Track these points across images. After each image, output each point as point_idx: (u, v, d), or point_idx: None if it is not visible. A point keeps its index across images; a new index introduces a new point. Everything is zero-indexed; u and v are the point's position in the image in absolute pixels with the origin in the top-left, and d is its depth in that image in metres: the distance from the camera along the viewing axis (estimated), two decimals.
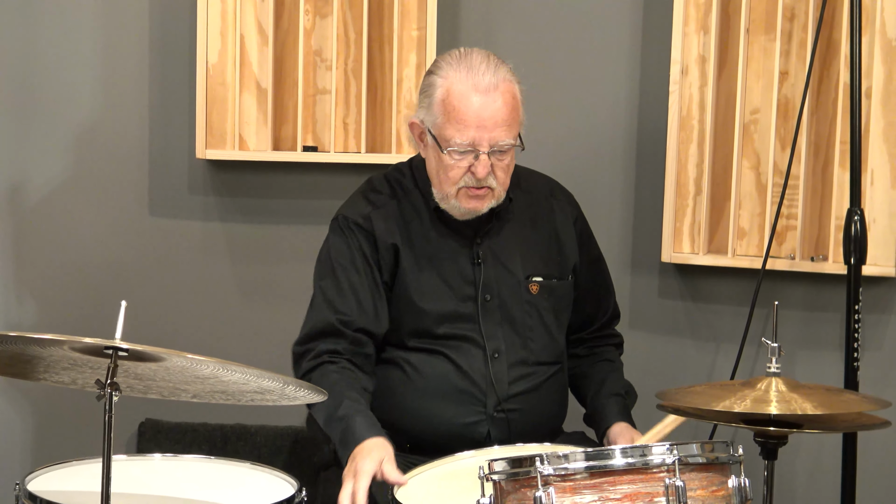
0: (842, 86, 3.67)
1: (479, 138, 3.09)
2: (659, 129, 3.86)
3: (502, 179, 3.16)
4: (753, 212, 3.82)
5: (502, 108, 3.10)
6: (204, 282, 4.09)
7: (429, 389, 3.22)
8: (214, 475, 3.02)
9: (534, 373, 3.26)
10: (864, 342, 3.57)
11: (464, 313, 3.23)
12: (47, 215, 4.07)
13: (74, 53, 4.04)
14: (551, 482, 2.46)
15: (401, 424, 3.22)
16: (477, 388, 3.21)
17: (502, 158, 3.14)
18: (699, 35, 3.81)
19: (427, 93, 3.16)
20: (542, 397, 3.27)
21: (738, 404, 2.95)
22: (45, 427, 4.12)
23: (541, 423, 3.25)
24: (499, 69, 3.13)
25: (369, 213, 3.25)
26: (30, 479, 2.84)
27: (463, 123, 3.09)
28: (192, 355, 2.50)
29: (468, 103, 3.09)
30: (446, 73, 3.14)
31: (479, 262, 3.24)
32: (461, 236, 3.26)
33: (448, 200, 3.18)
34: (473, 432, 3.20)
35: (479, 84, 3.09)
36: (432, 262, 3.24)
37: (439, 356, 3.21)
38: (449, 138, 3.11)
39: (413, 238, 3.25)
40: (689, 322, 3.96)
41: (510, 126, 3.11)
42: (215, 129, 3.95)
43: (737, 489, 2.55)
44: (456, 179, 3.14)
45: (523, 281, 3.26)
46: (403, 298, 3.23)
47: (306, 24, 3.93)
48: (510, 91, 3.13)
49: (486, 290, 3.24)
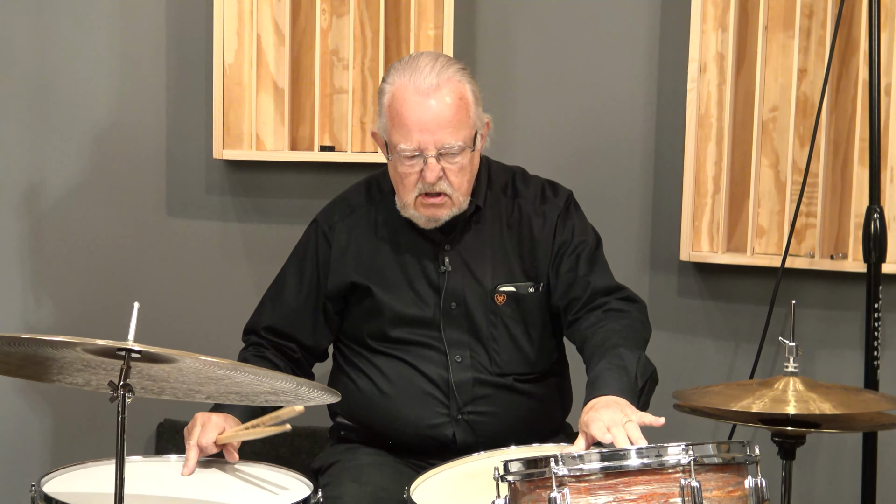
0: (861, 83, 3.65)
1: (424, 141, 3.04)
2: (677, 127, 3.85)
3: (458, 184, 3.10)
4: (772, 210, 3.80)
5: (445, 109, 3.04)
6: (221, 282, 4.09)
7: (393, 392, 3.22)
8: (230, 476, 3.02)
9: (499, 382, 3.22)
10: (883, 340, 3.55)
11: (426, 319, 3.21)
12: (65, 216, 4.08)
13: (91, 54, 4.05)
14: (566, 483, 2.45)
15: (373, 426, 3.25)
16: (439, 391, 3.21)
17: (453, 161, 3.07)
18: (717, 33, 3.79)
19: (379, 100, 3.13)
20: (510, 403, 3.23)
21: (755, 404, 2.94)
22: (63, 428, 4.13)
23: (509, 428, 3.20)
24: (445, 70, 3.07)
25: (335, 223, 3.28)
26: (45, 481, 2.85)
27: (406, 127, 3.05)
28: (205, 357, 2.50)
29: (409, 106, 3.05)
30: (393, 78, 3.10)
31: (445, 269, 3.22)
32: (431, 242, 3.23)
33: (408, 209, 3.15)
34: (439, 434, 3.20)
35: (420, 86, 3.04)
36: (400, 268, 3.23)
37: (401, 361, 3.21)
38: (396, 143, 3.08)
39: (383, 243, 3.24)
40: (708, 321, 3.94)
41: (456, 128, 3.05)
42: (232, 130, 3.95)
43: (753, 490, 2.53)
44: (410, 187, 3.10)
45: (490, 291, 3.21)
46: (367, 301, 3.24)
47: (323, 23, 3.93)
48: (456, 91, 3.06)
49: (451, 298, 3.21)
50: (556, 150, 3.91)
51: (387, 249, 3.24)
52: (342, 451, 3.28)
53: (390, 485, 3.02)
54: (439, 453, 3.15)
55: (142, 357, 2.51)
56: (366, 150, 3.97)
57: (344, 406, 3.28)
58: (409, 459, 3.23)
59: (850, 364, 3.72)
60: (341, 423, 3.31)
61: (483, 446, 3.10)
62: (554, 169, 3.49)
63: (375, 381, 3.24)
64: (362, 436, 3.28)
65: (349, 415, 3.30)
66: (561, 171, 3.52)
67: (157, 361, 2.55)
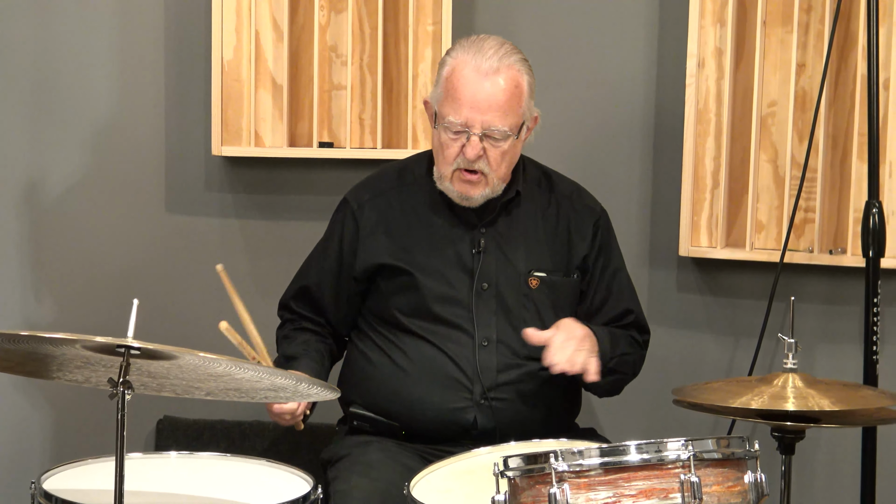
0: (859, 77, 3.64)
1: (472, 119, 3.12)
2: (676, 122, 3.85)
3: (496, 166, 3.17)
4: (771, 205, 3.80)
5: (499, 92, 3.13)
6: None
7: (416, 373, 3.24)
8: (229, 473, 3.02)
9: (524, 365, 3.24)
10: (882, 335, 3.55)
11: (457, 298, 3.25)
12: (64, 213, 4.08)
13: (90, 51, 4.04)
14: (566, 478, 2.45)
15: (390, 409, 3.25)
16: (463, 375, 3.22)
17: (496, 145, 3.15)
18: (716, 27, 3.79)
19: (439, 71, 3.22)
20: (533, 390, 3.25)
21: (754, 401, 2.94)
22: (63, 425, 4.13)
23: (530, 416, 3.23)
24: (508, 56, 3.16)
25: (364, 203, 3.33)
26: (45, 478, 2.85)
27: (458, 102, 3.13)
28: (204, 353, 2.50)
29: (466, 82, 3.13)
30: (456, 53, 3.19)
31: (480, 250, 3.25)
32: (465, 224, 3.27)
33: (443, 181, 3.21)
34: (460, 418, 3.21)
35: (480, 66, 3.13)
36: (433, 248, 3.26)
37: (427, 342, 3.23)
38: (445, 115, 3.15)
39: (416, 223, 3.28)
40: (708, 316, 3.94)
41: (506, 113, 3.13)
42: (231, 126, 3.95)
43: (753, 484, 2.54)
44: (450, 159, 3.17)
45: (524, 274, 3.26)
46: (398, 279, 3.27)
47: (321, 19, 3.93)
48: (513, 79, 3.15)
49: (483, 279, 3.25)
50: (555, 145, 3.91)
51: (420, 229, 3.28)
52: (353, 444, 3.27)
53: (400, 481, 3.02)
54: (457, 439, 3.17)
55: (141, 354, 2.52)
56: (364, 146, 3.96)
57: (361, 389, 3.29)
58: (424, 447, 3.22)
59: (849, 358, 3.72)
60: (355, 413, 3.30)
61: (502, 433, 3.14)
62: (553, 164, 3.49)
63: (397, 361, 3.25)
64: (376, 425, 3.28)
65: (365, 398, 3.29)
66: (560, 167, 3.52)
67: (156, 358, 2.55)
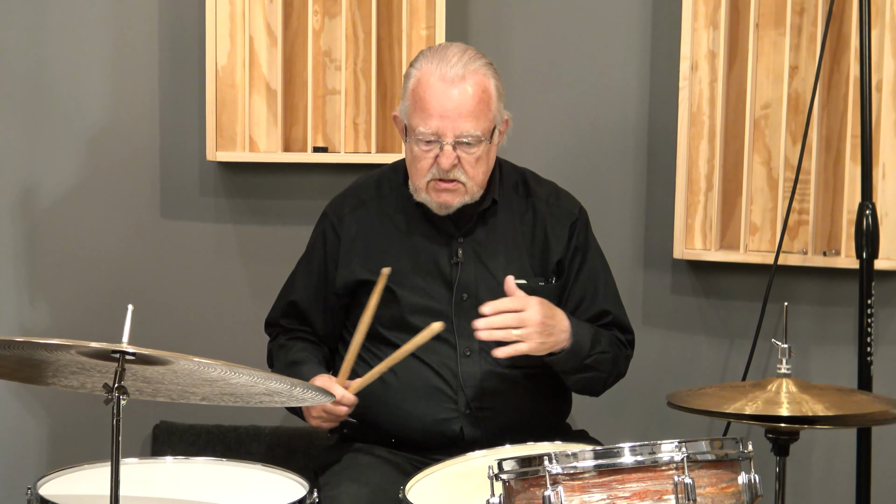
0: (852, 80, 3.65)
1: (443, 128, 3.11)
2: (669, 125, 3.85)
3: (472, 174, 3.15)
4: (765, 207, 3.81)
5: (468, 99, 3.11)
6: (215, 283, 4.09)
7: (401, 386, 3.23)
8: (225, 477, 3.02)
9: (507, 374, 3.23)
10: (877, 336, 3.56)
11: (437, 310, 3.23)
12: (59, 218, 4.08)
13: (84, 57, 4.04)
14: (560, 481, 2.46)
15: (380, 421, 3.25)
16: (447, 386, 3.22)
17: (470, 151, 3.13)
18: (708, 30, 3.80)
19: (405, 84, 3.20)
20: (518, 398, 3.24)
21: (749, 406, 2.94)
22: (59, 431, 4.13)
23: (517, 423, 3.21)
24: (472, 62, 3.14)
25: (344, 216, 3.33)
26: (41, 484, 2.85)
27: (427, 112, 3.11)
28: (199, 358, 2.50)
29: (433, 92, 3.11)
30: (420, 64, 3.17)
31: (458, 260, 3.24)
32: (444, 234, 3.26)
33: (420, 193, 3.20)
34: (446, 429, 3.21)
35: (446, 74, 3.11)
36: (412, 259, 3.25)
37: (410, 354, 3.18)
38: (415, 127, 3.14)
39: (394, 234, 3.28)
40: (702, 318, 3.95)
41: (477, 118, 3.12)
42: (225, 131, 3.95)
43: (747, 486, 2.54)
44: (424, 171, 3.15)
45: (503, 282, 3.20)
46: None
47: (315, 24, 3.93)
48: (480, 83, 3.13)
49: (463, 289, 3.24)
50: (549, 148, 3.91)
51: (398, 240, 3.27)
52: (343, 450, 3.28)
53: (390, 485, 3.02)
54: (445, 448, 3.15)
55: (136, 359, 2.52)
56: (359, 150, 3.97)
57: None
58: (413, 455, 3.23)
59: (843, 360, 3.73)
60: (345, 422, 3.30)
61: (490, 441, 3.12)
62: (546, 167, 3.50)
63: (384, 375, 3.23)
64: (366, 433, 3.28)
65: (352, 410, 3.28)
66: (553, 170, 3.52)
67: (151, 363, 2.55)
